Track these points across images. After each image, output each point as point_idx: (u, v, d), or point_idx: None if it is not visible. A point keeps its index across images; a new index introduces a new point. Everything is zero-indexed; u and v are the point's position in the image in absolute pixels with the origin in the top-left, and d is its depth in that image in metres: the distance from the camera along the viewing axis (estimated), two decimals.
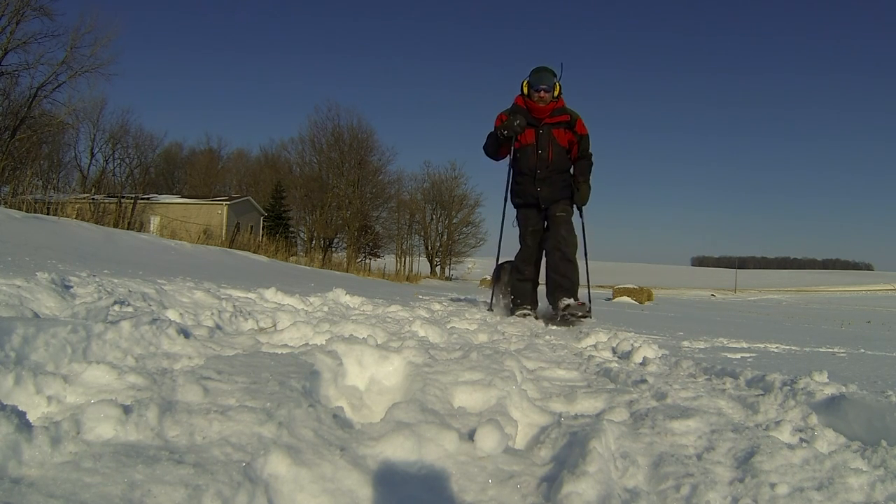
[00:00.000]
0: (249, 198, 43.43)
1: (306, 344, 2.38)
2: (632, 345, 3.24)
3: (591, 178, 5.42)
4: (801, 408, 1.74)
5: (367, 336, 2.32)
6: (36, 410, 1.35)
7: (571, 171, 5.44)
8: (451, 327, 3.51)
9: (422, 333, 3.01)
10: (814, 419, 1.66)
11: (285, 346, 2.35)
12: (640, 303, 21.94)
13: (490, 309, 5.61)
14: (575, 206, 5.37)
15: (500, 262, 5.86)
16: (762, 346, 4.78)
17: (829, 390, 1.82)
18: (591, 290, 5.53)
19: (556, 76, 5.17)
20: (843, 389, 1.83)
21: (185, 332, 2.20)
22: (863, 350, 4.92)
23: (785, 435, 1.57)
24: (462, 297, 8.39)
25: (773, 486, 1.19)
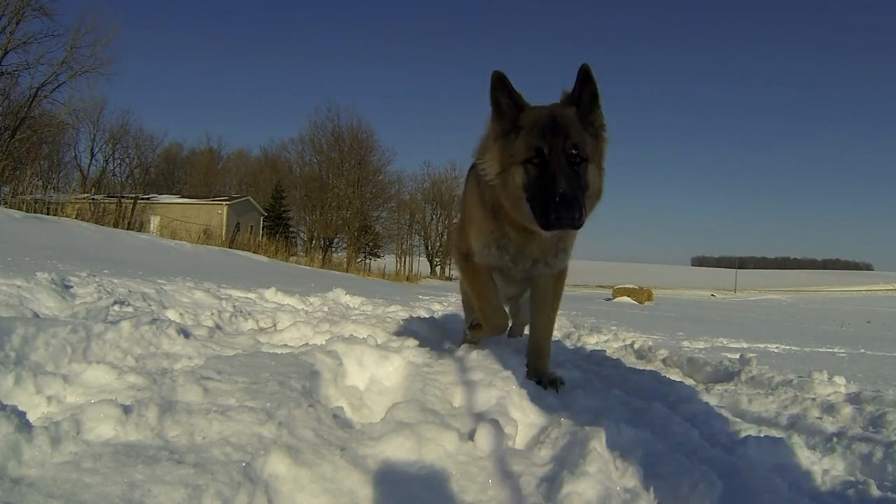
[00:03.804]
0: (249, 198, 43.43)
1: (306, 344, 2.38)
2: (632, 343, 3.24)
3: None
4: (799, 406, 1.74)
5: (367, 336, 2.32)
6: (36, 410, 1.35)
7: None
8: (451, 327, 3.51)
9: (422, 333, 3.01)
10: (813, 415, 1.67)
11: (285, 346, 2.35)
12: (640, 303, 21.95)
13: None
14: None
15: None
16: (762, 346, 4.78)
17: (829, 390, 1.82)
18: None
19: None
20: (843, 389, 1.83)
21: (185, 332, 2.20)
22: (863, 350, 4.92)
23: (781, 431, 1.57)
24: None
25: None
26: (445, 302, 6.92)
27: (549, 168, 1.71)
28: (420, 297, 8.55)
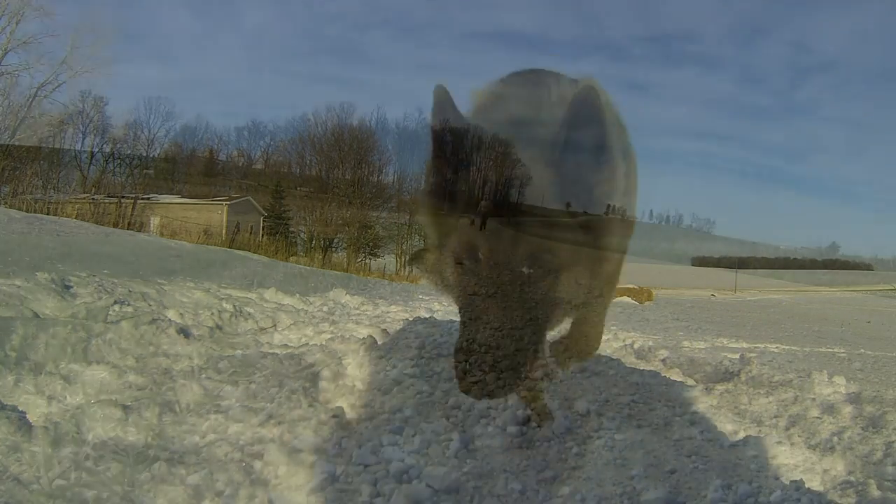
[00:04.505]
0: (249, 198, 43.35)
1: (306, 344, 2.38)
2: (631, 344, 3.24)
3: None
4: (799, 405, 1.74)
5: (367, 336, 2.32)
6: (36, 410, 1.35)
7: None
8: (452, 327, 3.51)
9: (423, 333, 3.01)
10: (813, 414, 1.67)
11: (285, 346, 2.35)
12: (640, 303, 21.88)
13: None
14: None
15: None
16: (762, 346, 4.78)
17: (829, 390, 1.82)
18: None
19: None
20: (843, 389, 1.83)
21: (185, 332, 2.20)
22: (863, 350, 4.92)
23: (781, 431, 1.57)
24: None
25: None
26: (446, 302, 6.92)
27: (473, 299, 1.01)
28: (420, 296, 8.54)
